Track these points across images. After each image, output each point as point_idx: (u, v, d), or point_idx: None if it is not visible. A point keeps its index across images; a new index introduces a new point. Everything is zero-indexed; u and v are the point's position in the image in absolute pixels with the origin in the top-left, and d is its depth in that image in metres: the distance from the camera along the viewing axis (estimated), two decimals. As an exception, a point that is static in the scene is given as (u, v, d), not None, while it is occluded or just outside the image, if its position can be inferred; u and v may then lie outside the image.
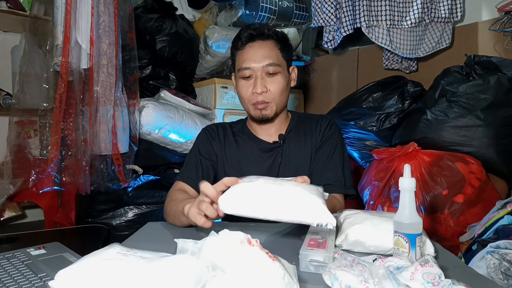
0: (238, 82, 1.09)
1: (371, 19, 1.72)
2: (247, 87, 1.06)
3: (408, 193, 0.63)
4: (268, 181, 0.70)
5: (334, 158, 1.07)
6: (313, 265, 0.63)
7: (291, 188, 0.67)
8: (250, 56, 1.05)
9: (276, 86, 1.05)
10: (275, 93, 1.05)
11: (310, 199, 0.65)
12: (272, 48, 1.07)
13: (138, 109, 1.76)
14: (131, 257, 0.52)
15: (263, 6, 2.14)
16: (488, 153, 1.48)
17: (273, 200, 0.65)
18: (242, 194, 0.67)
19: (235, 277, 0.46)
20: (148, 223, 1.00)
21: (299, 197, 0.65)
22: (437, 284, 0.50)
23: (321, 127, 1.11)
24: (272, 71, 1.05)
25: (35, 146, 1.65)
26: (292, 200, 0.65)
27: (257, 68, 1.04)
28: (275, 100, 1.06)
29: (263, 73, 1.05)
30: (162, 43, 2.01)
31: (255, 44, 1.06)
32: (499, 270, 0.96)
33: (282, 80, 1.07)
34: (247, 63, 1.05)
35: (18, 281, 0.71)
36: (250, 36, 1.07)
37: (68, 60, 1.46)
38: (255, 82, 1.04)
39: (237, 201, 0.67)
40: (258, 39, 1.07)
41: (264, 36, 1.07)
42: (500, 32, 1.61)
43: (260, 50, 1.05)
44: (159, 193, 1.73)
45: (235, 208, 0.66)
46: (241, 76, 1.07)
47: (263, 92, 1.04)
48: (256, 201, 0.66)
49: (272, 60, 1.04)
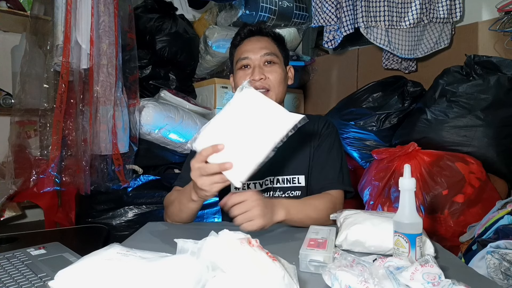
0: (236, 74, 1.11)
1: (370, 20, 1.72)
2: (245, 76, 1.07)
3: (408, 193, 0.63)
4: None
5: (332, 156, 1.08)
6: (313, 265, 0.63)
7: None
8: (248, 48, 1.09)
9: (274, 75, 1.07)
10: (274, 81, 1.07)
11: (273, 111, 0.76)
12: (269, 42, 1.11)
13: (138, 109, 1.76)
14: (131, 257, 0.52)
15: (263, 6, 2.14)
16: (488, 153, 1.48)
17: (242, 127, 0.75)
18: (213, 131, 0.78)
19: (235, 277, 0.46)
20: (148, 223, 1.00)
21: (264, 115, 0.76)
22: (437, 284, 0.50)
23: (318, 127, 1.13)
24: (270, 59, 1.08)
25: (35, 146, 1.65)
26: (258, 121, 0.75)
27: (255, 58, 1.07)
28: (274, 89, 1.07)
29: (261, 63, 1.07)
30: (162, 43, 2.01)
31: (253, 38, 1.11)
32: (499, 270, 0.96)
33: (280, 70, 1.09)
34: (245, 54, 1.08)
35: (18, 281, 0.71)
36: (248, 31, 1.12)
37: (68, 60, 1.46)
38: (253, 70, 1.06)
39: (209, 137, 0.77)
40: (256, 35, 1.12)
41: (261, 33, 1.12)
42: (500, 32, 1.61)
43: (258, 42, 1.10)
44: (159, 193, 1.73)
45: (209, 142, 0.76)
46: (239, 66, 1.09)
47: (261, 79, 1.05)
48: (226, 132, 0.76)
49: (269, 50, 1.08)
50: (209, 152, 0.75)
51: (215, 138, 0.76)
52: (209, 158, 0.76)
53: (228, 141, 0.75)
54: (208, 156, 0.75)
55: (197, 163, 0.77)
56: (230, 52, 1.18)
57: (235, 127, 0.76)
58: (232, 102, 0.80)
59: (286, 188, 1.08)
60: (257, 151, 0.74)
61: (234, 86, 1.16)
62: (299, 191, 1.08)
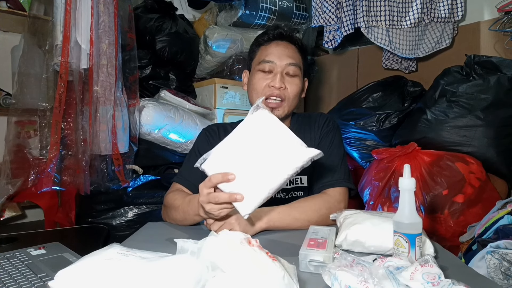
0: (255, 74, 1.08)
1: (370, 19, 1.71)
2: (264, 80, 1.05)
3: (408, 193, 0.63)
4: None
5: (333, 153, 1.07)
6: (313, 265, 0.63)
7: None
8: (275, 51, 1.06)
9: (293, 87, 1.06)
10: (291, 93, 1.06)
11: (290, 144, 0.73)
12: (296, 52, 1.08)
13: (138, 109, 1.76)
14: (131, 257, 0.52)
15: (263, 6, 2.13)
16: (488, 153, 1.48)
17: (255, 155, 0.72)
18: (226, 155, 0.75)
19: (235, 277, 0.46)
20: (148, 223, 1.00)
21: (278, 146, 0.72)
22: (437, 284, 0.50)
23: (319, 124, 1.12)
24: (293, 72, 1.06)
25: (34, 146, 1.64)
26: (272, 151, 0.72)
27: (279, 64, 1.05)
28: (289, 101, 1.06)
29: (283, 71, 1.05)
30: (162, 43, 2.01)
31: (282, 43, 1.08)
32: (499, 270, 0.96)
33: (299, 83, 1.08)
34: (271, 57, 1.05)
35: (18, 281, 0.71)
36: (279, 34, 1.08)
37: (67, 60, 1.46)
38: (274, 77, 1.05)
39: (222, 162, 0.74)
40: (286, 40, 1.09)
41: (292, 39, 1.09)
42: (500, 32, 1.61)
43: (286, 49, 1.07)
44: (159, 193, 1.73)
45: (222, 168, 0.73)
46: (261, 68, 1.07)
47: (281, 88, 1.04)
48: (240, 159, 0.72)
49: (295, 61, 1.06)
50: (219, 180, 0.72)
51: (226, 164, 0.73)
52: (219, 185, 0.74)
53: (239, 169, 0.71)
54: (218, 183, 0.73)
55: (206, 189, 0.75)
56: (251, 48, 1.14)
57: (247, 153, 0.73)
58: (245, 123, 0.76)
59: (289, 190, 1.08)
60: (268, 184, 0.70)
61: (246, 83, 1.14)
62: (302, 192, 1.08)
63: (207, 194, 0.75)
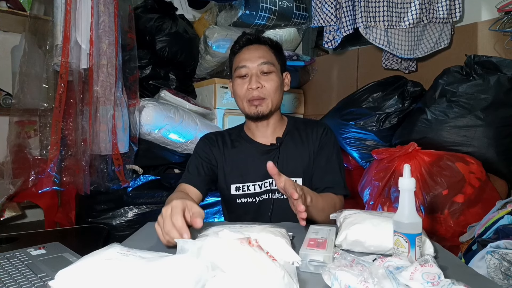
0: (234, 81, 1.15)
1: (369, 20, 1.72)
2: (242, 84, 1.12)
3: (408, 193, 0.63)
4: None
5: (332, 162, 1.13)
6: (313, 265, 0.63)
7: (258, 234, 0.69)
8: (246, 56, 1.12)
9: (271, 83, 1.11)
10: (270, 89, 1.11)
11: (275, 241, 0.68)
12: (267, 51, 1.15)
13: (138, 109, 1.76)
14: (131, 257, 0.52)
15: (263, 6, 2.14)
16: (488, 153, 1.48)
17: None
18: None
19: (235, 277, 0.46)
20: (148, 223, 1.00)
21: (266, 239, 0.67)
22: (437, 284, 0.50)
23: (317, 133, 1.17)
24: (267, 69, 1.11)
25: (35, 146, 1.64)
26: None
27: (252, 66, 1.10)
28: (270, 96, 1.11)
29: (258, 72, 1.10)
30: (162, 43, 2.01)
31: (251, 47, 1.14)
32: (499, 270, 0.96)
33: (276, 78, 1.12)
34: (243, 62, 1.11)
35: (18, 281, 0.71)
36: (247, 40, 1.15)
37: (67, 60, 1.46)
38: (250, 79, 1.10)
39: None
40: (254, 43, 1.15)
41: (260, 41, 1.16)
42: (500, 32, 1.61)
43: (256, 51, 1.13)
44: (159, 193, 1.73)
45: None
46: (237, 75, 1.13)
47: (258, 87, 1.09)
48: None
49: (266, 59, 1.11)
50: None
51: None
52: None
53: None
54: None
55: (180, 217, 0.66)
56: (229, 58, 1.21)
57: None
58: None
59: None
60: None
61: (232, 92, 1.19)
62: None
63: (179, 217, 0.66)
